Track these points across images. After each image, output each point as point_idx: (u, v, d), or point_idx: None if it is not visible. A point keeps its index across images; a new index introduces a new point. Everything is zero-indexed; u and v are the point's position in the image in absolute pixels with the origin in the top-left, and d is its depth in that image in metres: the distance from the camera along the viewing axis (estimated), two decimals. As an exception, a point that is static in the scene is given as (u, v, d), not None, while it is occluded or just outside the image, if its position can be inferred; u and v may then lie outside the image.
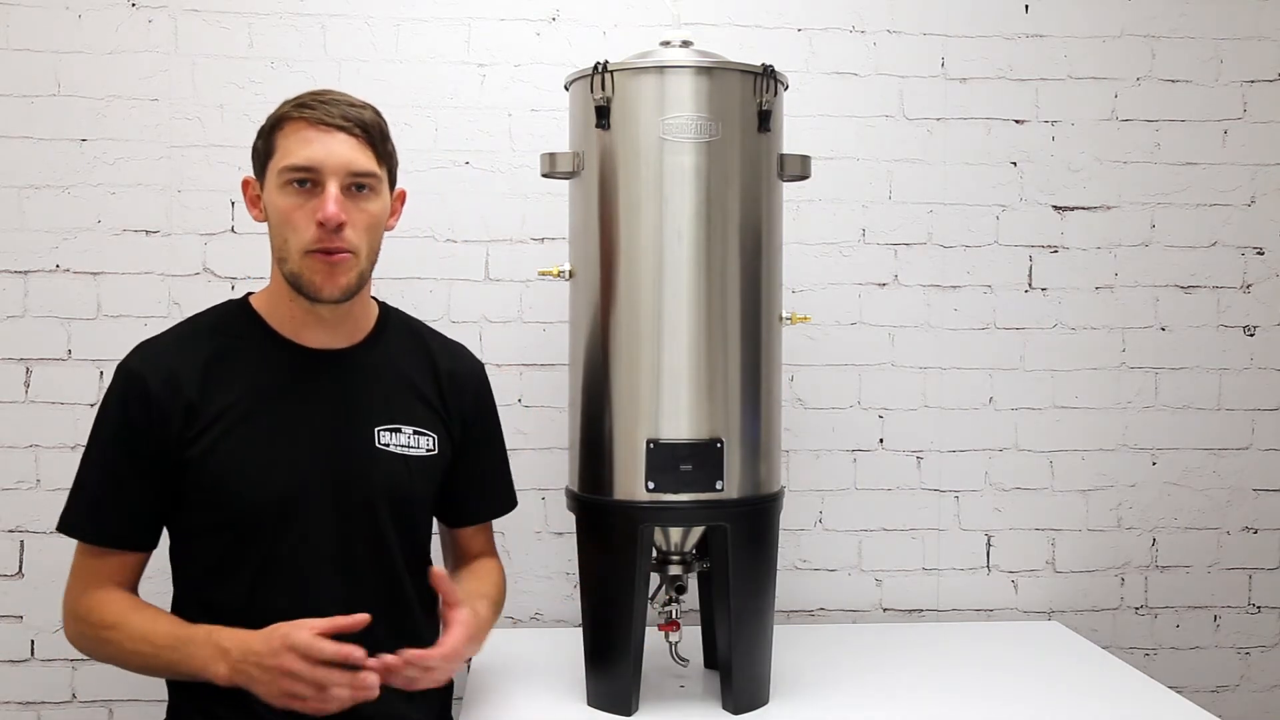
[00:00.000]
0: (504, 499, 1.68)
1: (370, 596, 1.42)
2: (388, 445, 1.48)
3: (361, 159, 1.40)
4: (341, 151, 1.38)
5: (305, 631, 1.27)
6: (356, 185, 1.40)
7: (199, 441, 1.39)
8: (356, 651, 1.26)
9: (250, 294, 1.53)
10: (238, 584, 1.40)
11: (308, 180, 1.38)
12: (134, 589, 1.45)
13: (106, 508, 1.40)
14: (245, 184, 1.48)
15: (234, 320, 1.49)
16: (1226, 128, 2.16)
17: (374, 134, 1.42)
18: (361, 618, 1.30)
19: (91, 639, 1.41)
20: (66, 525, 1.42)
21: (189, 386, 1.40)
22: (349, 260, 1.40)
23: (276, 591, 1.40)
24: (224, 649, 1.31)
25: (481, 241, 2.03)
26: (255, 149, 1.45)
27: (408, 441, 1.49)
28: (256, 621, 1.32)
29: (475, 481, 1.62)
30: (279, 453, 1.41)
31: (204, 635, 1.33)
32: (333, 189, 1.37)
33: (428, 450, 1.52)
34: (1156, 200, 2.15)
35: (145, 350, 1.45)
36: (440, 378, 1.57)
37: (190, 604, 1.44)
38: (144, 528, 1.43)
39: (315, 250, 1.38)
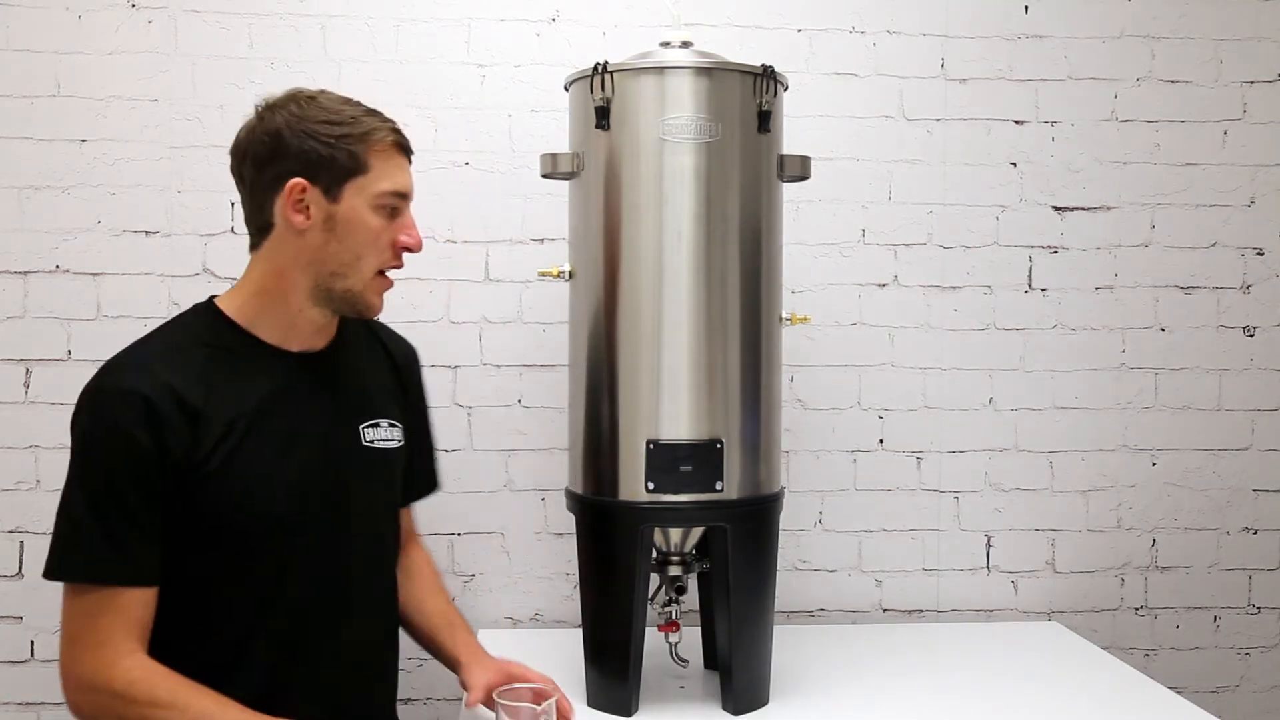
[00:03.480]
0: (435, 478, 1.70)
1: (365, 589, 1.45)
2: (372, 442, 1.46)
3: None
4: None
5: None
6: None
7: (213, 455, 1.30)
8: None
9: (213, 298, 1.42)
10: (242, 600, 1.34)
11: (399, 207, 1.38)
12: (147, 640, 1.28)
13: (120, 541, 1.24)
14: (300, 187, 1.32)
15: (214, 330, 1.37)
16: (1226, 128, 2.16)
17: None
18: None
19: (123, 716, 1.23)
20: (71, 569, 1.25)
21: (193, 398, 1.29)
22: None
23: (284, 603, 1.37)
24: None
25: (481, 242, 2.03)
26: (323, 156, 1.32)
27: (385, 435, 1.48)
28: (260, 636, 1.32)
29: (418, 461, 1.62)
30: (286, 461, 1.37)
31: None
32: (411, 216, 1.40)
33: (398, 441, 1.51)
34: (1156, 201, 2.15)
35: (128, 366, 1.31)
36: (397, 366, 1.57)
37: (184, 622, 1.32)
38: (156, 556, 1.28)
39: (385, 272, 1.39)
